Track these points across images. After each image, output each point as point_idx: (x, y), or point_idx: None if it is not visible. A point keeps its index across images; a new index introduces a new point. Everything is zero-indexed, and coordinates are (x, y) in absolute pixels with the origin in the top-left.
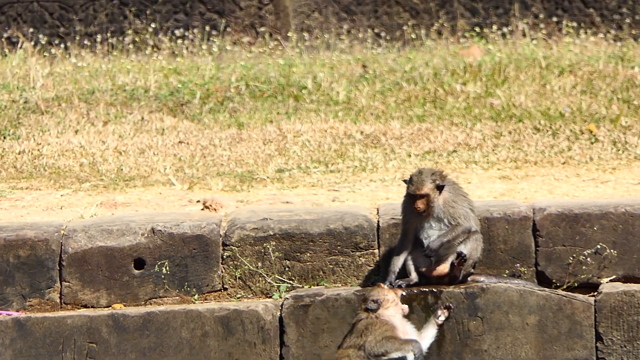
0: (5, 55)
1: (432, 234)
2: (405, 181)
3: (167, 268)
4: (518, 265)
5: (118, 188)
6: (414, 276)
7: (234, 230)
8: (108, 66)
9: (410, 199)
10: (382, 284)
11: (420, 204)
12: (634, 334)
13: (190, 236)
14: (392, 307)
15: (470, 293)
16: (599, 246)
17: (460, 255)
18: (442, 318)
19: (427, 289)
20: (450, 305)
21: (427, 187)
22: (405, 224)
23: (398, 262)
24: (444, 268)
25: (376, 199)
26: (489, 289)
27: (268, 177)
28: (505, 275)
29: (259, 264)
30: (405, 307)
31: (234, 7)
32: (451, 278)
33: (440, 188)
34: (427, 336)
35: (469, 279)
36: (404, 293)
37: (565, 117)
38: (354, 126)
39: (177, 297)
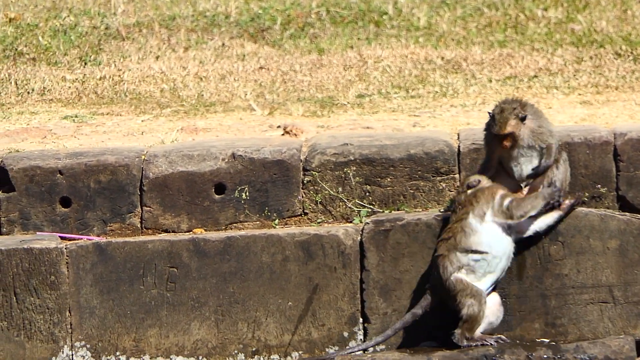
0: None
1: (522, 162)
2: (489, 115)
3: (248, 193)
4: (599, 189)
5: (199, 114)
6: None
7: (314, 155)
8: None
9: (496, 138)
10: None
11: (507, 142)
12: None
13: (271, 161)
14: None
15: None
16: None
17: (551, 184)
18: (567, 203)
19: None
20: (581, 194)
21: (511, 125)
22: (491, 154)
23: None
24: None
25: (457, 124)
26: (569, 214)
27: (348, 103)
28: (585, 199)
29: (340, 189)
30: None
31: None
32: None
33: (523, 119)
34: (550, 216)
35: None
36: None
37: None
38: (435, 52)
39: (258, 222)
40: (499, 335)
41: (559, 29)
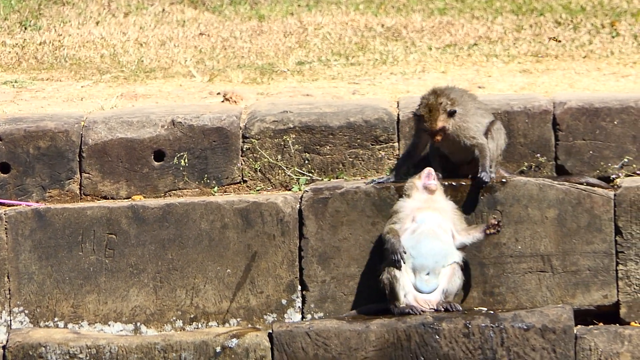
0: None
1: (454, 150)
2: (415, 114)
3: (187, 160)
4: (538, 158)
5: (138, 80)
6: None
7: (254, 122)
8: None
9: (425, 132)
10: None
11: (437, 137)
12: None
13: (210, 128)
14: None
15: (490, 186)
16: (619, 140)
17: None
18: (491, 232)
19: (453, 183)
20: (500, 221)
21: (441, 121)
22: (417, 140)
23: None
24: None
25: (397, 92)
26: (508, 183)
27: (288, 70)
28: (524, 169)
29: (279, 157)
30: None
31: None
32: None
33: (452, 114)
34: (473, 237)
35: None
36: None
37: (586, 11)
38: (375, 19)
39: (197, 189)
40: (450, 302)
41: None
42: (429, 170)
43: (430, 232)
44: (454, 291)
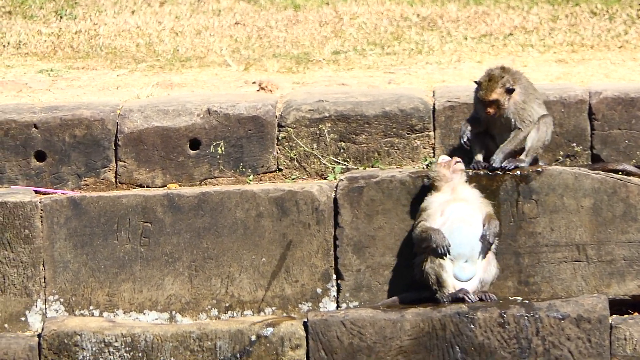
0: None
1: (498, 127)
2: (476, 82)
3: (223, 148)
4: (574, 148)
5: (174, 69)
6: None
7: (289, 111)
8: None
9: (480, 102)
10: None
11: (491, 109)
12: None
13: (246, 117)
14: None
15: (525, 176)
16: None
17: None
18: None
19: (489, 172)
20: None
21: (497, 93)
22: (474, 117)
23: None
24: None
25: (432, 81)
26: (543, 172)
27: (324, 59)
28: (560, 158)
29: (314, 146)
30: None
31: None
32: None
33: (510, 91)
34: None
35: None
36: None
37: (622, 1)
38: (411, 8)
39: (232, 178)
40: (485, 292)
41: None
42: (457, 159)
43: (462, 221)
44: (490, 280)
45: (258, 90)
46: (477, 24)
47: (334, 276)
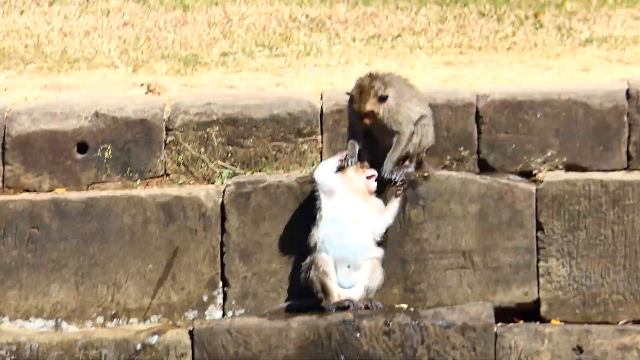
0: None
1: (377, 132)
2: (348, 94)
3: (110, 152)
4: (461, 152)
5: (62, 70)
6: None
7: (177, 114)
8: None
9: (355, 114)
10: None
11: (367, 120)
12: (575, 223)
13: (134, 120)
14: (362, 177)
15: (412, 181)
16: (542, 134)
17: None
18: (400, 191)
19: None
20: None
21: (371, 104)
22: (353, 125)
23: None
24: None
25: (320, 84)
26: (430, 177)
27: (212, 61)
28: (447, 163)
29: (202, 150)
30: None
31: None
32: None
33: (383, 99)
34: (392, 210)
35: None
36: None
37: (510, 2)
38: (299, 9)
39: (120, 183)
40: (371, 299)
41: None
42: (373, 172)
43: (352, 222)
44: (375, 287)
45: (146, 93)
46: (365, 25)
47: (221, 283)
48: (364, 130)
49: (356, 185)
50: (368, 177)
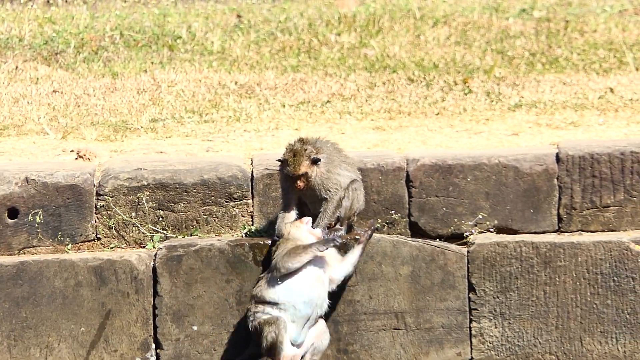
0: None
1: (310, 198)
2: (280, 161)
3: (41, 217)
4: (392, 215)
5: None
6: None
7: (107, 180)
8: None
9: (289, 178)
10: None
11: (300, 183)
12: (507, 284)
13: (64, 186)
14: (302, 226)
15: (344, 244)
16: (472, 197)
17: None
18: (367, 235)
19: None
20: (378, 226)
21: (304, 166)
22: (286, 194)
23: (283, 223)
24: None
25: (250, 149)
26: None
27: (142, 127)
28: (378, 226)
29: (133, 214)
30: (318, 231)
31: None
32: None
33: (316, 162)
34: (353, 256)
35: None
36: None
37: (439, 68)
38: (229, 76)
39: (51, 247)
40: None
41: (352, 54)
42: (307, 219)
43: (315, 279)
44: (322, 350)
45: (76, 159)
46: (295, 92)
47: (154, 345)
48: (296, 198)
49: (305, 238)
50: (307, 224)
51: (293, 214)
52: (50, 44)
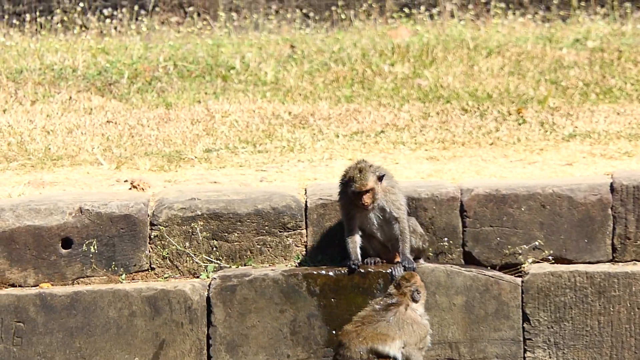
0: None
1: (376, 222)
2: (343, 182)
3: (95, 247)
4: (446, 245)
5: (46, 167)
6: (371, 260)
7: (161, 209)
8: (36, 45)
9: (355, 196)
10: (414, 272)
11: (367, 199)
12: (561, 314)
13: (118, 216)
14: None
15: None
16: (526, 227)
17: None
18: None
19: (361, 270)
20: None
21: (371, 181)
22: (350, 219)
23: (355, 247)
24: (398, 257)
25: (304, 179)
26: (416, 269)
27: (196, 157)
28: (430, 255)
29: (187, 244)
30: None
31: None
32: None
33: (381, 178)
34: None
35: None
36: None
37: (493, 98)
38: (282, 106)
39: (105, 277)
40: None
41: (406, 84)
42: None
43: None
44: None
45: (130, 189)
46: (348, 122)
47: None
48: (357, 223)
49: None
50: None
51: (358, 236)
52: (103, 74)
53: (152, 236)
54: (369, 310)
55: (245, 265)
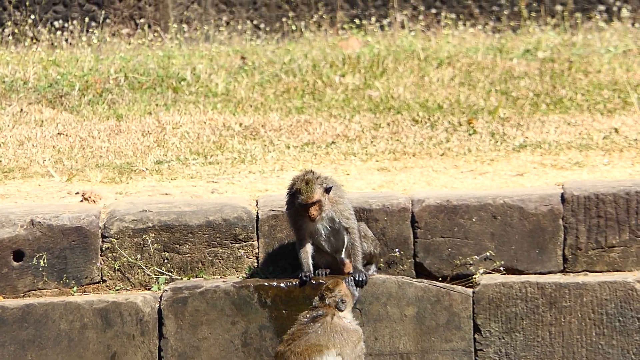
0: None
1: (324, 233)
2: (290, 194)
3: (46, 260)
4: (397, 256)
5: None
6: (322, 271)
7: (113, 222)
8: None
9: (302, 208)
10: (340, 280)
11: (314, 211)
12: (512, 325)
13: (70, 228)
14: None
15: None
16: (477, 238)
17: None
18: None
19: (312, 281)
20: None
21: (318, 194)
22: (298, 230)
23: (307, 259)
24: (349, 267)
25: (255, 190)
26: (367, 281)
27: (147, 169)
28: (381, 266)
29: (138, 256)
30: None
31: None
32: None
33: (328, 190)
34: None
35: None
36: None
37: (443, 109)
38: (233, 118)
39: (56, 289)
40: None
41: (357, 95)
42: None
43: None
44: None
45: (81, 201)
46: (299, 133)
47: None
48: (307, 235)
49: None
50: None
51: (310, 247)
52: (54, 86)
53: (103, 248)
54: (297, 325)
55: (196, 277)
